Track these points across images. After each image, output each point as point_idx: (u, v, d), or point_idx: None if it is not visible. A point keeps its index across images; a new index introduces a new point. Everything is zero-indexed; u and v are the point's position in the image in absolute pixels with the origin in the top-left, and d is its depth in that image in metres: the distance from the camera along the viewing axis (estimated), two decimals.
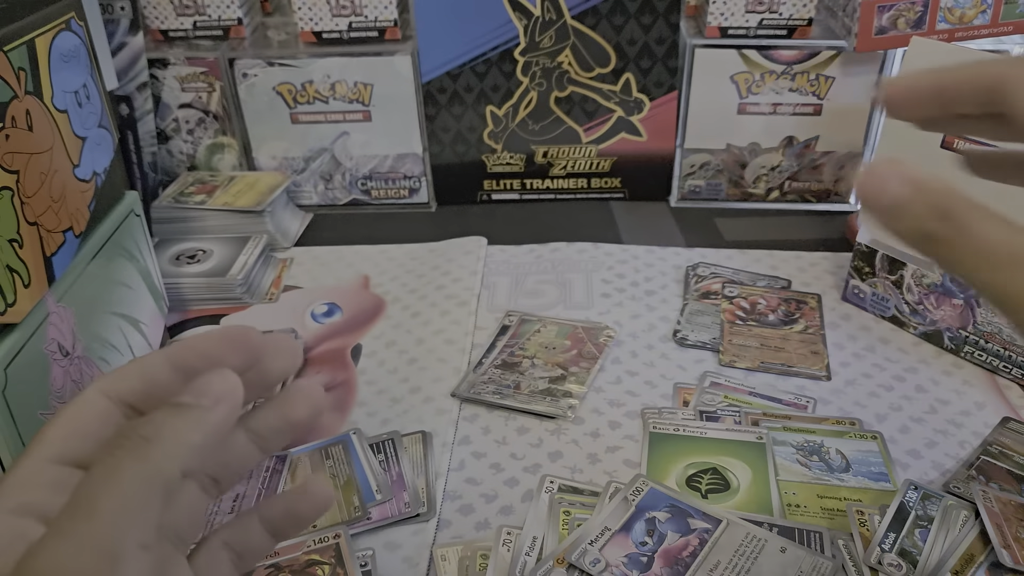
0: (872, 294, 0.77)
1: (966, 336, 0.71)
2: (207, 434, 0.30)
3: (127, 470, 0.27)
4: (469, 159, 0.99)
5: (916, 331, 0.75)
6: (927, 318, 0.74)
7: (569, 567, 0.51)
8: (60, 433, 0.31)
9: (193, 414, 0.30)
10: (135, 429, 0.29)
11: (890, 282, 0.75)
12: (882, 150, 0.73)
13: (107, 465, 0.27)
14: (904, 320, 0.75)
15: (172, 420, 0.29)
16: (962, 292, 0.70)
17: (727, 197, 1.00)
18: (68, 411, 0.32)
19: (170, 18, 0.94)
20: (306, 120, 0.96)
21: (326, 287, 0.86)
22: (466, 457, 0.63)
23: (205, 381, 0.31)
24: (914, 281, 0.73)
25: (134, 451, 0.28)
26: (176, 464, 0.28)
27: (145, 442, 0.28)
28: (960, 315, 0.71)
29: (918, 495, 0.56)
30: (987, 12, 0.83)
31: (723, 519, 0.54)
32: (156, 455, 0.28)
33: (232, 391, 0.31)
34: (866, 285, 0.77)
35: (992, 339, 0.69)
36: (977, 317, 0.70)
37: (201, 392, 0.30)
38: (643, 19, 0.91)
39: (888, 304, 0.76)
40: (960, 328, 0.71)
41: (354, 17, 0.92)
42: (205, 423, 0.30)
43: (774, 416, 0.65)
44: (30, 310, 0.52)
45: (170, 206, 0.91)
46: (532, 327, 0.77)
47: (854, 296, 0.79)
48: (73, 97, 0.59)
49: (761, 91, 0.92)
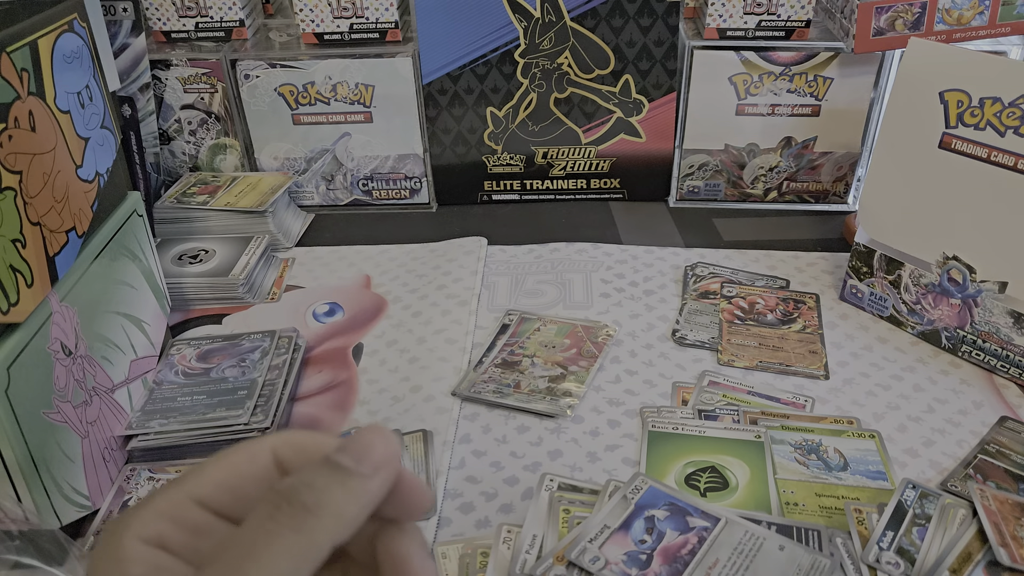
0: (870, 294, 0.77)
1: (963, 336, 0.71)
2: (363, 507, 0.27)
3: (284, 540, 0.25)
4: (469, 160, 0.99)
5: (914, 331, 0.75)
6: (924, 317, 0.74)
7: (569, 565, 0.51)
8: (218, 477, 0.29)
9: (353, 483, 0.27)
10: (297, 494, 0.26)
11: (888, 282, 0.76)
12: (880, 150, 0.74)
13: (265, 530, 0.26)
14: (902, 320, 0.76)
15: (333, 489, 0.27)
16: (959, 292, 0.71)
17: (725, 197, 1.00)
18: (233, 458, 0.30)
19: (172, 19, 0.95)
20: (308, 121, 0.97)
21: (327, 287, 0.86)
22: (466, 455, 0.64)
23: (367, 444, 0.28)
24: (912, 281, 0.73)
25: (294, 520, 0.26)
26: (331, 540, 0.26)
27: (306, 512, 0.26)
28: (958, 315, 0.71)
29: (916, 494, 0.56)
30: (984, 13, 0.83)
31: (722, 517, 0.54)
32: (314, 529, 0.26)
33: (392, 459, 0.28)
34: (864, 285, 0.78)
35: (990, 339, 0.69)
36: (975, 317, 0.70)
37: (361, 456, 0.28)
38: (642, 21, 0.91)
39: (886, 304, 0.76)
40: (958, 327, 0.72)
41: (355, 19, 0.93)
42: (362, 494, 0.27)
43: (772, 415, 0.66)
44: (33, 310, 0.53)
45: (172, 206, 0.91)
46: (532, 326, 0.78)
47: (852, 296, 0.79)
48: (76, 98, 0.59)
49: (759, 92, 0.93)
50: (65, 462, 0.56)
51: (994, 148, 0.65)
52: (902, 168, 0.72)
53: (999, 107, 0.64)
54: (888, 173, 0.73)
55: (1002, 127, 0.65)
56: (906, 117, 0.71)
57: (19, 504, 0.51)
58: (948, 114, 0.68)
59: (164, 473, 0.62)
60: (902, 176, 0.72)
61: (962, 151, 0.67)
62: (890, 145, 0.73)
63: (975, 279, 0.69)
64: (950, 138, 0.68)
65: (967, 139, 0.67)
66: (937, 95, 0.68)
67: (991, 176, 0.66)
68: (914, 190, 0.72)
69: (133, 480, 0.62)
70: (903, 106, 0.71)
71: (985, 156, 0.66)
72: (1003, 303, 0.68)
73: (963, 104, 0.66)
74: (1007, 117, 0.64)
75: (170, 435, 0.63)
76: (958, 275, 0.70)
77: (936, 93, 0.68)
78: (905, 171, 0.72)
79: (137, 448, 0.63)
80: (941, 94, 0.68)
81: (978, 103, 0.66)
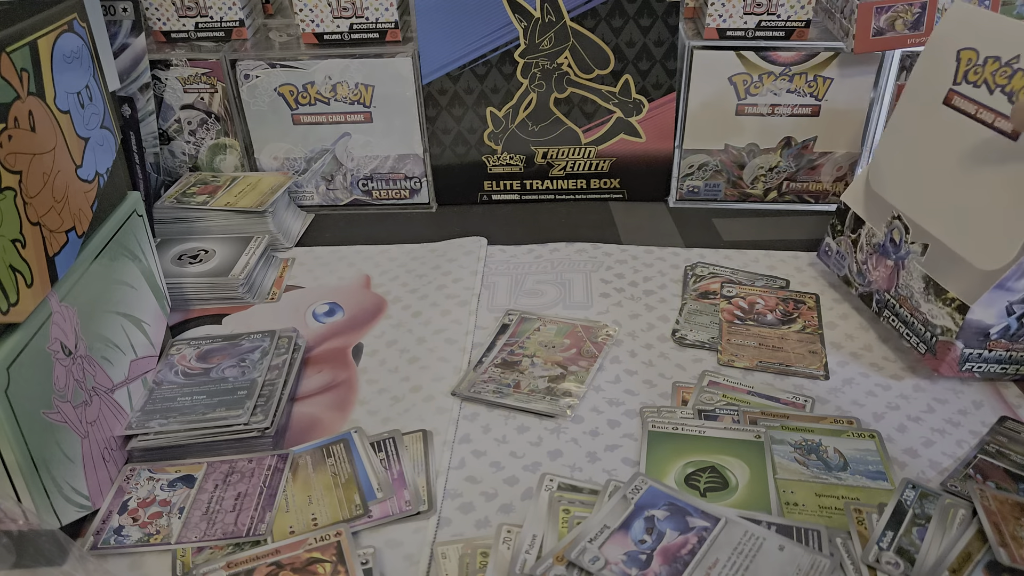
0: (836, 251, 0.77)
1: (887, 299, 0.71)
2: None
3: None
4: (469, 160, 0.99)
5: (856, 292, 0.76)
6: (866, 279, 0.74)
7: (568, 565, 0.51)
8: None
9: None
10: None
11: (850, 240, 0.76)
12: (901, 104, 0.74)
13: None
14: (851, 280, 0.76)
15: None
16: (895, 253, 0.71)
17: (725, 197, 1.00)
18: None
19: (172, 19, 0.95)
20: (308, 121, 0.97)
21: (327, 287, 0.86)
22: (466, 455, 0.64)
23: None
24: (866, 241, 0.73)
25: None
26: None
27: None
28: (888, 277, 0.71)
29: (916, 494, 0.56)
30: None
31: (721, 517, 0.54)
32: None
33: None
34: (835, 243, 0.78)
35: (904, 304, 0.69)
36: (899, 280, 0.70)
37: None
38: (642, 21, 0.91)
39: (844, 263, 0.77)
40: (886, 290, 0.71)
41: (355, 19, 0.93)
42: None
43: (772, 415, 0.66)
44: (33, 310, 0.53)
45: (172, 206, 0.91)
46: (532, 326, 0.78)
47: (824, 254, 0.80)
48: (76, 98, 0.59)
49: (759, 92, 0.93)
50: (65, 462, 0.56)
51: (982, 105, 0.66)
52: (910, 123, 0.73)
53: (996, 65, 0.65)
54: (899, 127, 0.74)
55: (993, 85, 0.65)
56: (927, 73, 0.72)
57: (19, 504, 0.51)
58: (958, 71, 0.68)
59: (164, 473, 0.62)
60: (909, 131, 0.73)
61: (959, 108, 0.68)
62: (908, 99, 0.74)
63: (908, 240, 0.69)
64: (952, 94, 0.68)
65: (965, 95, 0.68)
66: (955, 53, 0.69)
67: (975, 132, 0.67)
68: (915, 146, 0.72)
69: (133, 480, 0.62)
70: (928, 66, 0.72)
71: (973, 112, 0.67)
72: (922, 266, 0.68)
73: (971, 62, 0.67)
74: (1000, 76, 0.65)
75: (170, 435, 0.63)
76: (897, 236, 0.70)
77: (955, 51, 0.69)
78: (912, 126, 0.73)
79: (137, 448, 0.63)
80: (958, 52, 0.69)
81: (982, 61, 0.66)
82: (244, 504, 0.59)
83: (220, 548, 0.56)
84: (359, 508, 0.58)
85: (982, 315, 0.65)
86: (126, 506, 0.60)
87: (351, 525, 0.57)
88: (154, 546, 0.56)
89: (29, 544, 0.50)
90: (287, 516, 0.58)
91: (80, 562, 0.52)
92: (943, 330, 0.66)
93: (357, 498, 0.59)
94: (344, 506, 0.59)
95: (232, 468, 0.62)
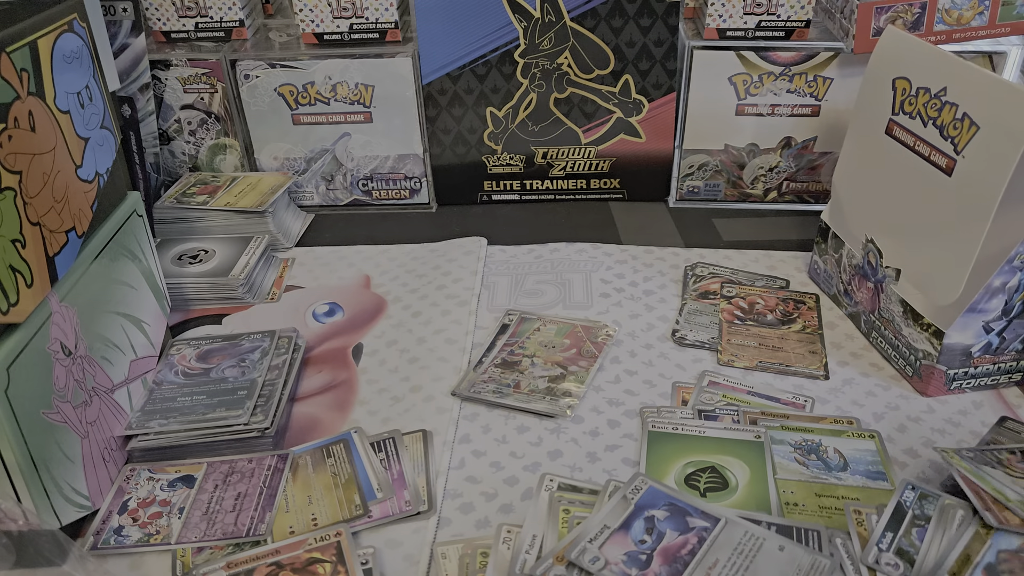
0: (824, 270, 0.78)
1: (874, 321, 0.71)
2: None
3: None
4: (469, 160, 0.99)
5: (846, 311, 0.76)
6: (853, 299, 0.74)
7: (568, 565, 0.51)
8: None
9: None
10: None
11: (834, 260, 0.76)
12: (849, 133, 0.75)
13: None
14: (840, 300, 0.77)
15: None
16: (872, 276, 0.71)
17: (725, 197, 1.00)
18: None
19: (172, 19, 0.94)
20: (308, 121, 0.97)
21: (327, 287, 0.86)
22: (466, 455, 0.64)
23: None
24: (847, 261, 0.73)
25: None
26: None
27: None
28: (871, 299, 0.72)
29: (915, 494, 0.56)
30: (984, 14, 0.83)
31: (721, 517, 0.54)
32: None
33: None
34: (822, 261, 0.78)
35: (888, 326, 0.70)
36: (881, 303, 0.70)
37: None
38: (642, 21, 0.91)
39: (832, 282, 0.77)
40: (871, 312, 0.72)
41: (355, 19, 0.93)
42: None
43: (772, 415, 0.66)
44: (33, 310, 0.53)
45: (172, 206, 0.91)
46: (532, 326, 0.78)
47: (814, 271, 0.81)
48: (76, 98, 0.59)
49: (759, 92, 0.93)
50: (65, 462, 0.56)
51: (919, 137, 0.66)
52: (859, 152, 0.74)
53: (927, 97, 0.65)
54: (851, 155, 0.75)
55: (926, 117, 0.66)
56: (869, 102, 0.72)
57: (19, 504, 0.51)
58: (895, 100, 0.69)
59: (164, 473, 0.62)
60: (859, 160, 0.74)
61: (899, 138, 0.69)
62: (855, 128, 0.74)
63: (882, 264, 0.69)
64: (893, 124, 0.69)
65: (903, 127, 0.68)
66: (891, 81, 0.69)
67: (915, 165, 0.67)
68: (866, 175, 0.73)
69: (133, 480, 0.62)
70: (869, 92, 0.72)
71: (911, 144, 0.67)
72: (897, 291, 0.68)
73: (905, 92, 0.68)
74: (931, 108, 0.65)
75: (170, 435, 0.63)
76: (873, 259, 0.71)
77: (891, 79, 0.69)
78: (861, 155, 0.74)
79: (137, 448, 0.63)
80: (893, 80, 0.69)
81: (915, 92, 0.67)
82: (244, 504, 0.59)
83: (220, 548, 0.56)
84: (359, 508, 0.58)
85: (959, 338, 0.65)
86: (126, 506, 0.60)
87: (351, 525, 0.57)
88: (154, 546, 0.56)
89: (29, 544, 0.50)
90: (287, 516, 0.58)
91: (80, 562, 0.52)
92: (924, 354, 0.67)
93: (357, 498, 0.59)
94: (344, 506, 0.59)
95: (232, 468, 0.62)
